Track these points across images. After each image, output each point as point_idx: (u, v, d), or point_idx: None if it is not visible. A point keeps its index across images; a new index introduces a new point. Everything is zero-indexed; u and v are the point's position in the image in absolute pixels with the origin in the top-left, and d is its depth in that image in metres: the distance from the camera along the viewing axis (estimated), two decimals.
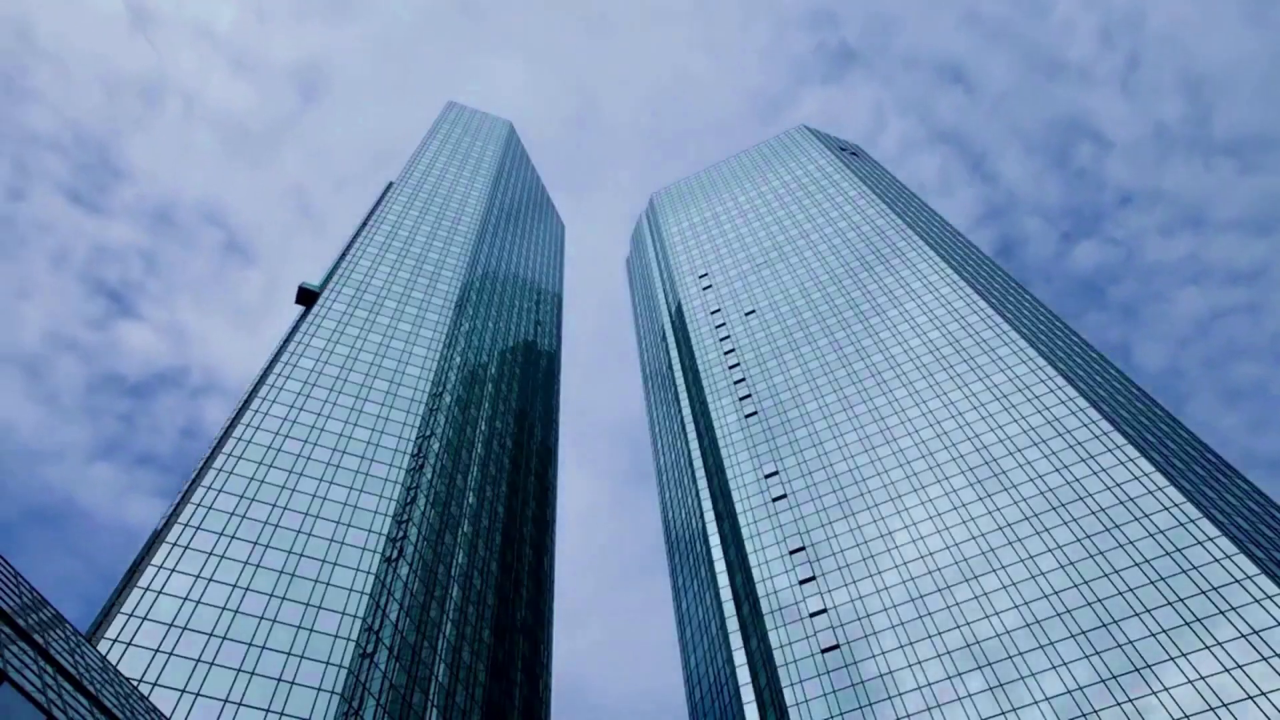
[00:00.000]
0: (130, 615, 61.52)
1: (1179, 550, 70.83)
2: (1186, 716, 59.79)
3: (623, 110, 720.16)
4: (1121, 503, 77.19)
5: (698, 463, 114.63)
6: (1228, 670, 61.25)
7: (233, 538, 71.35)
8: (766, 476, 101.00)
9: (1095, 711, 62.96)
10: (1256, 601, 64.47)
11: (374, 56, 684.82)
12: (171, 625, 61.93)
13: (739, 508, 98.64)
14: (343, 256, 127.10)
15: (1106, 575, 71.79)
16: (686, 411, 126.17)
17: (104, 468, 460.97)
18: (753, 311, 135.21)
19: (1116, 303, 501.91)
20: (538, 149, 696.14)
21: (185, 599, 64.37)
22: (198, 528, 70.92)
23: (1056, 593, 72.56)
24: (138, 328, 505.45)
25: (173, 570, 66.28)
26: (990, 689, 68.15)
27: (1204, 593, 66.87)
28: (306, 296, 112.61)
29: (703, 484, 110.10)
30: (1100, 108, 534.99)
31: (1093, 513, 77.63)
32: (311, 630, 66.01)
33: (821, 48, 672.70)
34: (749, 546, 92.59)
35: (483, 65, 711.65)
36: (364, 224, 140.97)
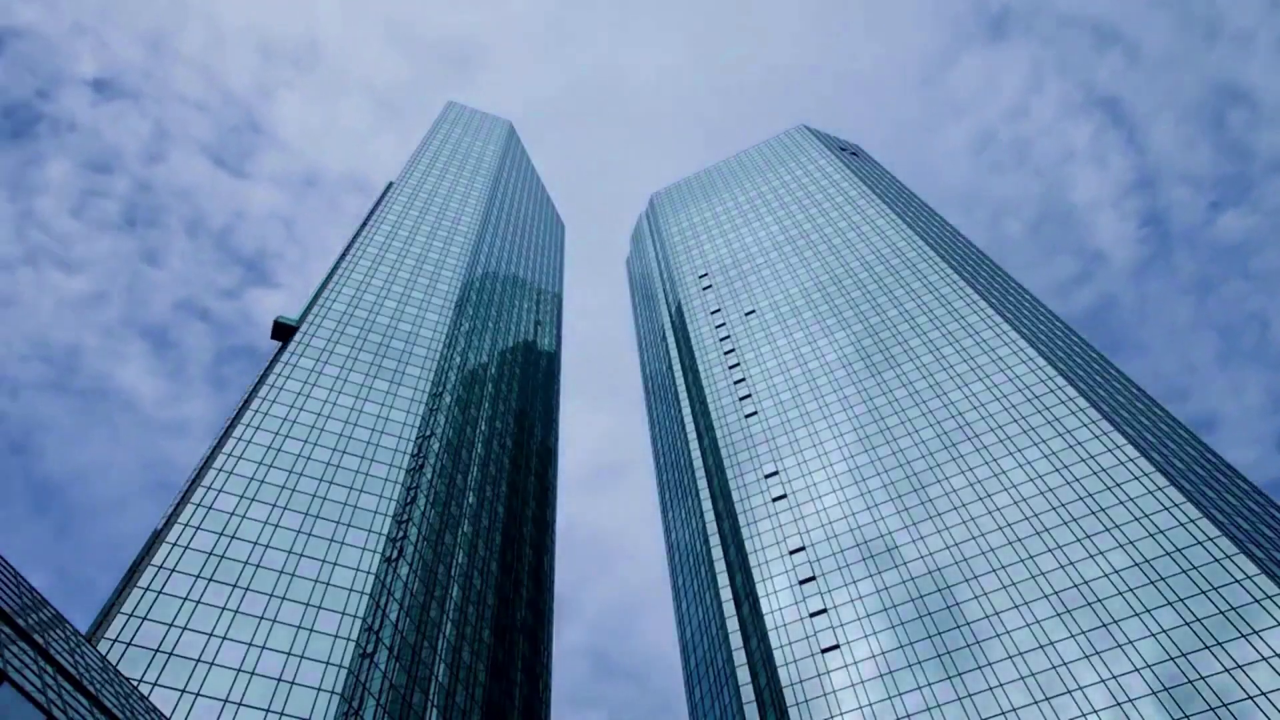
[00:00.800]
0: (130, 615, 61.51)
1: (1179, 550, 70.83)
2: (1186, 716, 59.78)
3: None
4: (1121, 503, 77.18)
5: (698, 463, 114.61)
6: (1228, 670, 61.24)
7: (233, 538, 71.35)
8: (766, 476, 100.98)
9: (1095, 711, 62.95)
10: (1256, 602, 64.47)
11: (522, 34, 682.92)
12: (171, 625, 61.92)
13: (739, 508, 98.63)
14: (342, 257, 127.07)
15: (1106, 575, 71.79)
16: (686, 411, 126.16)
17: None
18: (753, 311, 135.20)
19: (1259, 272, 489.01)
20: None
21: (185, 599, 64.36)
22: (198, 528, 70.91)
23: (1056, 593, 72.55)
24: (272, 295, 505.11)
25: (173, 570, 66.28)
26: (990, 689, 68.15)
27: (1204, 593, 66.87)
28: (282, 331, 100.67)
29: (703, 484, 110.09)
30: (1258, 75, 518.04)
31: (1093, 513, 77.62)
32: (311, 630, 66.01)
33: (979, 8, 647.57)
34: (749, 546, 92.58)
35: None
36: (364, 224, 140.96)
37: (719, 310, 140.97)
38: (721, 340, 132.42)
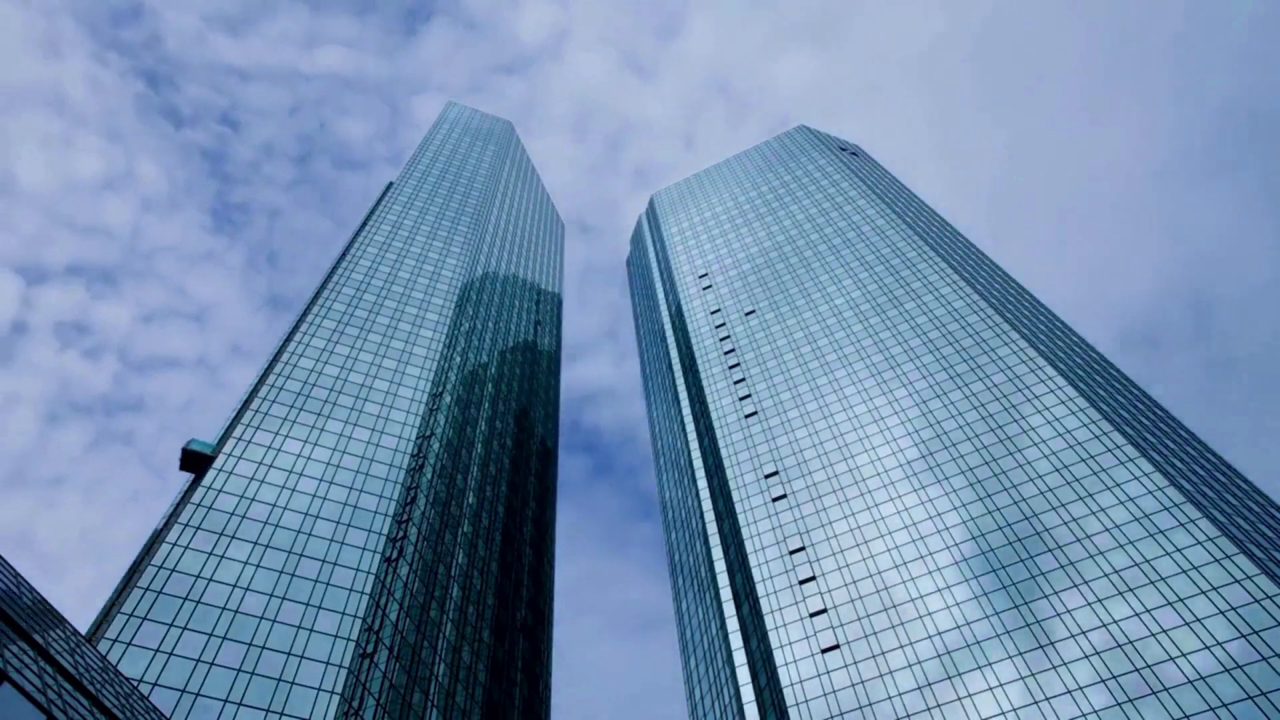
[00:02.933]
0: (130, 615, 61.53)
1: (1179, 550, 70.83)
2: (1186, 716, 59.80)
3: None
4: (1121, 503, 77.19)
5: (698, 463, 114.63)
6: (1228, 670, 61.26)
7: (233, 538, 71.37)
8: (766, 476, 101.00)
9: (1095, 711, 62.98)
10: (1256, 601, 64.48)
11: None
12: (171, 625, 61.95)
13: (739, 508, 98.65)
14: (342, 257, 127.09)
15: (1106, 575, 71.80)
16: (686, 411, 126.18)
17: None
18: (753, 311, 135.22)
19: None
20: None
21: (185, 599, 64.38)
22: (198, 528, 70.94)
23: (1056, 592, 72.56)
24: None
25: (173, 570, 66.30)
26: (990, 689, 68.17)
27: (1203, 592, 66.88)
28: (194, 462, 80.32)
29: (703, 484, 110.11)
30: None
31: (1093, 513, 77.62)
32: (311, 630, 66.03)
33: None
34: (749, 546, 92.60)
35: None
36: (364, 224, 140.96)
37: (719, 310, 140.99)
38: (721, 340, 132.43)
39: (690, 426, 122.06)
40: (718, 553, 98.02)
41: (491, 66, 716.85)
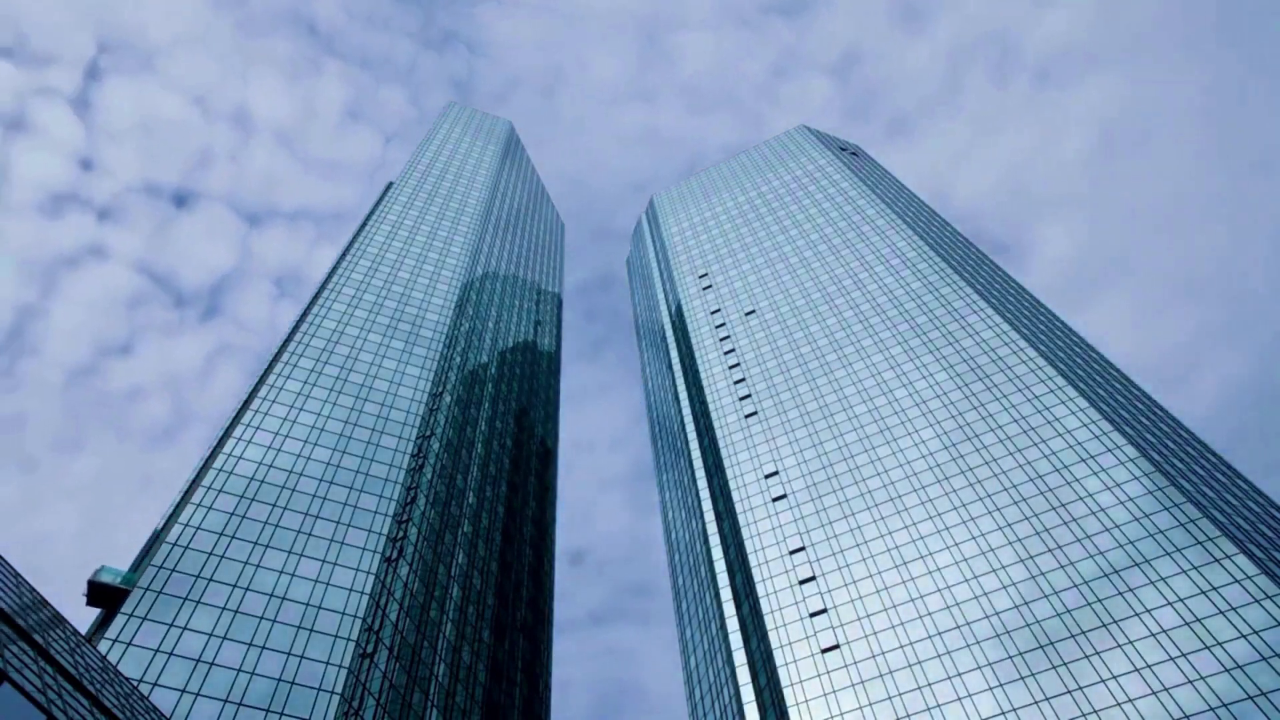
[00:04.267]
0: (130, 615, 61.53)
1: (1179, 550, 70.83)
2: (1186, 716, 59.80)
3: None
4: (1121, 503, 77.19)
5: (698, 463, 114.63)
6: (1228, 670, 61.26)
7: (233, 537, 71.38)
8: (766, 476, 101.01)
9: (1095, 711, 62.98)
10: (1256, 602, 64.49)
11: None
12: (172, 625, 61.94)
13: (739, 508, 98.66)
14: (343, 257, 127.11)
15: (1106, 575, 71.80)
16: (686, 411, 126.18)
17: None
18: (753, 311, 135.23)
19: None
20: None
21: (185, 599, 64.38)
22: (198, 527, 70.95)
23: (1056, 593, 72.56)
24: None
25: (173, 570, 66.30)
26: (990, 689, 68.16)
27: (1204, 593, 66.88)
28: (103, 597, 63.60)
29: (703, 484, 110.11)
30: None
31: (1093, 513, 77.63)
32: (311, 630, 66.03)
33: None
34: (749, 546, 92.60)
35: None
36: (364, 224, 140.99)
37: (719, 310, 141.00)
38: (721, 340, 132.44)
39: (690, 426, 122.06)
40: (718, 553, 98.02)
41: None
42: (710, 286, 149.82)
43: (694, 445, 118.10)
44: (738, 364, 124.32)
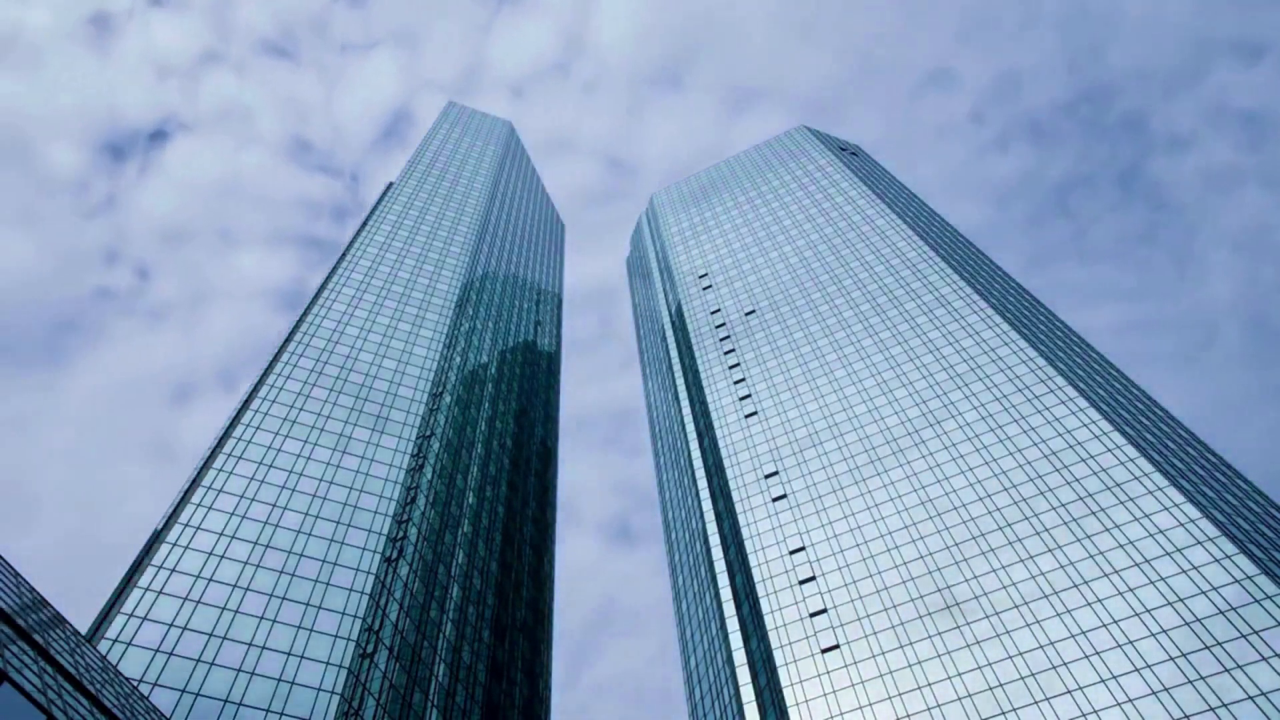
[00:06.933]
0: (130, 615, 61.52)
1: (1179, 550, 70.84)
2: (1187, 716, 59.79)
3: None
4: (1121, 503, 77.19)
5: (697, 463, 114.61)
6: (1227, 670, 61.25)
7: (233, 538, 71.36)
8: (766, 476, 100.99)
9: (1095, 711, 62.97)
10: (1256, 601, 64.48)
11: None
12: (171, 625, 61.93)
13: (739, 508, 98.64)
14: (343, 257, 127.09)
15: (1106, 575, 71.79)
16: (686, 411, 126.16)
17: None
18: (753, 311, 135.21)
19: None
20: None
21: (185, 599, 64.37)
22: (198, 528, 70.93)
23: (1056, 593, 72.54)
24: None
25: (173, 570, 66.29)
26: (990, 689, 68.16)
27: (1203, 592, 66.87)
28: None
29: (702, 484, 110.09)
30: None
31: (1093, 513, 77.63)
32: (311, 630, 66.02)
33: None
34: (749, 546, 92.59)
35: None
36: (364, 224, 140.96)
37: (719, 310, 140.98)
38: (721, 340, 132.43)
39: (690, 426, 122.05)
40: (718, 553, 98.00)
41: None
42: (710, 286, 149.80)
43: (694, 445, 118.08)
44: (738, 364, 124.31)
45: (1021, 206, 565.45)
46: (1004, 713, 66.04)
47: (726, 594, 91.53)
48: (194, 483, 77.70)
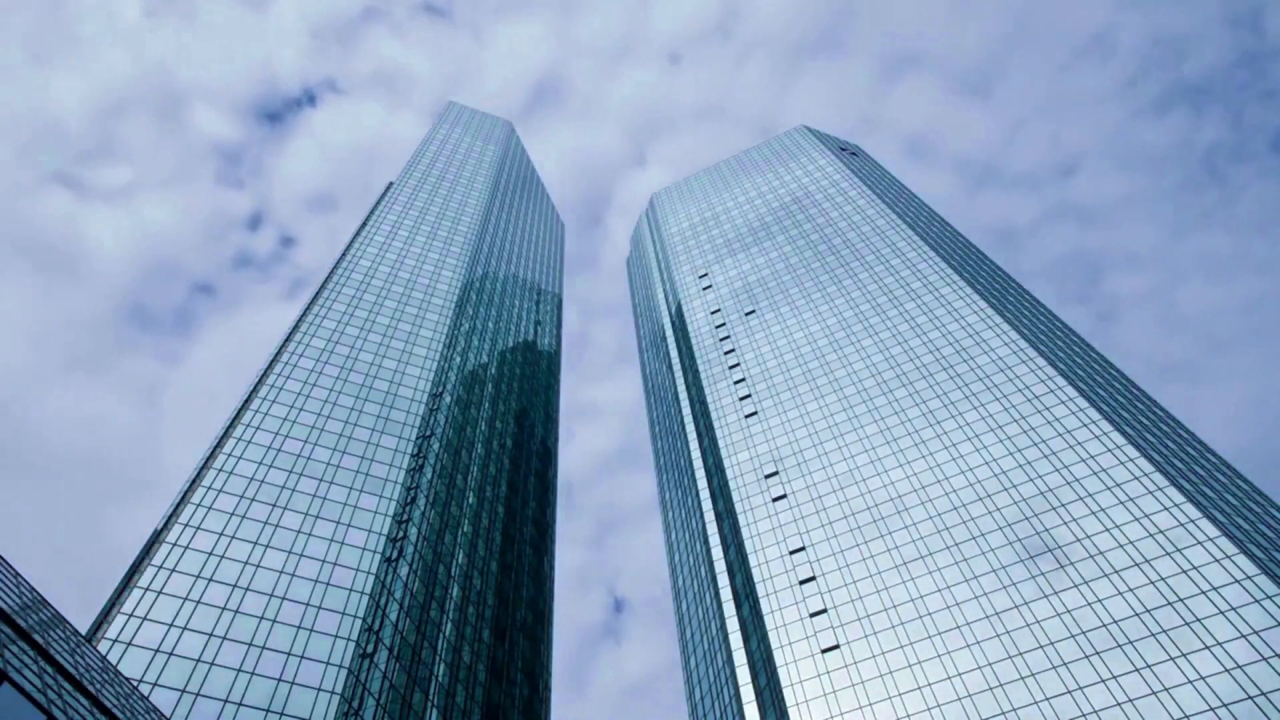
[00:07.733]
0: (130, 615, 61.52)
1: (1179, 550, 70.83)
2: (1186, 716, 59.79)
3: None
4: (1121, 503, 77.19)
5: (697, 463, 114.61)
6: (1228, 670, 61.25)
7: (233, 538, 71.35)
8: (766, 476, 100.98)
9: (1095, 711, 62.97)
10: (1256, 601, 64.48)
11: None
12: (171, 625, 61.92)
13: (739, 508, 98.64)
14: (342, 257, 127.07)
15: (1106, 575, 71.79)
16: (686, 411, 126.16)
17: None
18: (753, 311, 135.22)
19: None
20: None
21: (185, 599, 64.36)
22: (198, 528, 70.92)
23: (1056, 592, 72.55)
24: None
25: (173, 570, 66.28)
26: (990, 689, 68.15)
27: (1204, 593, 66.87)
28: None
29: (702, 484, 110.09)
30: None
31: (1093, 513, 77.63)
32: (311, 630, 66.01)
33: None
34: (749, 546, 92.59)
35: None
36: (364, 224, 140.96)
37: (719, 310, 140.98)
38: (721, 340, 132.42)
39: (690, 426, 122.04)
40: (718, 553, 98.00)
41: None
42: (710, 286, 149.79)
43: (694, 445, 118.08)
44: (738, 364, 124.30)
45: (1172, 174, 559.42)
46: (1004, 713, 66.04)
47: (726, 594, 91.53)
48: (194, 483, 77.69)
